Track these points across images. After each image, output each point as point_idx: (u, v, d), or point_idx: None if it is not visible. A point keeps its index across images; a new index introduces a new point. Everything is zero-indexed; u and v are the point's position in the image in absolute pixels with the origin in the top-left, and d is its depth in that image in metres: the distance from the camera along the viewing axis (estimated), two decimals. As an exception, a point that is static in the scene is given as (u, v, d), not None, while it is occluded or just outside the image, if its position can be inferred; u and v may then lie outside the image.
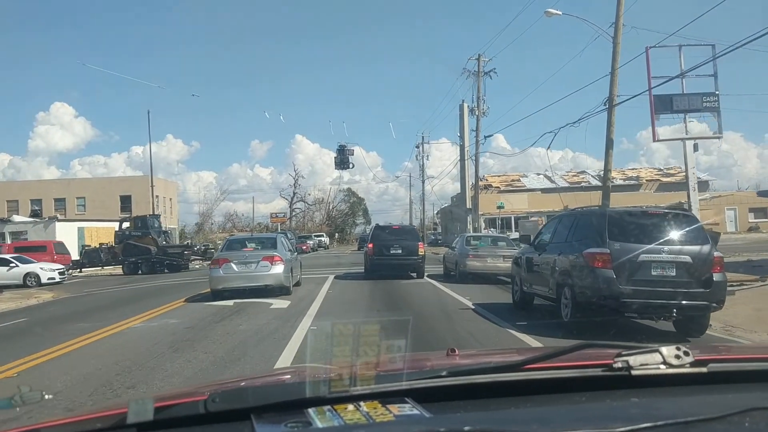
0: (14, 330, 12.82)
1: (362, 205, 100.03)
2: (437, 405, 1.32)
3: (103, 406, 1.80)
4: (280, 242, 17.11)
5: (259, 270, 15.93)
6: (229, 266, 15.94)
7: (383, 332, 1.67)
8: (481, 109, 36.28)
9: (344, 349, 1.54)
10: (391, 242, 19.52)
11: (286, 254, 16.74)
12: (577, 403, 1.38)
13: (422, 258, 19.56)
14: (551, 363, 1.50)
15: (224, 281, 15.92)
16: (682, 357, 1.43)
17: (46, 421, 1.43)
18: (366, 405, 1.29)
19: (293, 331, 9.88)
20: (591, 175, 61.37)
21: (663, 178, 59.34)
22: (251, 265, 16.02)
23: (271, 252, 16.26)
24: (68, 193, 49.36)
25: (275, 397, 1.34)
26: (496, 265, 18.26)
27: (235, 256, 16.22)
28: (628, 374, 1.41)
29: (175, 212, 56.19)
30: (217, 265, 16.10)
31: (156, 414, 1.27)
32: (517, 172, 65.15)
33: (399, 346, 1.61)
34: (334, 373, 1.46)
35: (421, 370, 1.57)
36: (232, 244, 17.52)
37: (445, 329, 10.00)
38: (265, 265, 15.97)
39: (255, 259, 16.08)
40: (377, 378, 1.40)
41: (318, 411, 1.26)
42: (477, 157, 35.94)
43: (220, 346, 8.97)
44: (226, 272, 15.92)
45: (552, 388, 1.43)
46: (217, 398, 1.32)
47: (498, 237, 22.85)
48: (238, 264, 15.96)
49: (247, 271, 15.96)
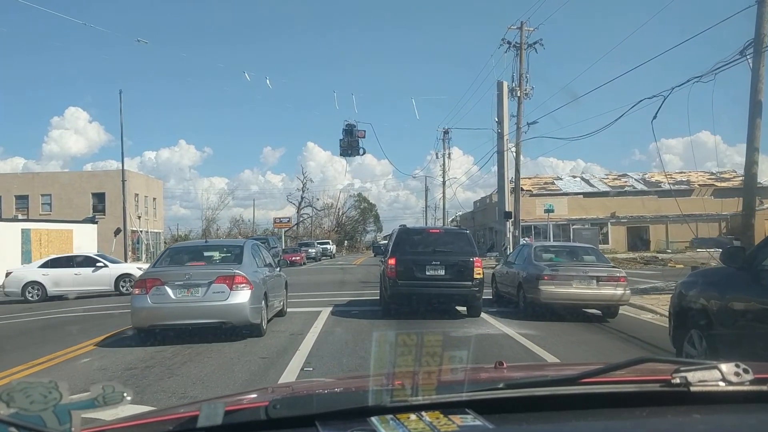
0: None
1: (373, 211, 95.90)
2: (497, 417, 1.30)
3: (173, 409, 1.71)
4: (248, 254, 10.49)
5: (210, 298, 9.48)
6: (161, 291, 9.51)
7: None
8: (523, 89, 29.67)
9: (407, 359, 1.46)
10: (427, 256, 11.84)
11: (255, 273, 10.22)
12: (639, 418, 1.36)
13: (480, 284, 11.85)
14: (608, 377, 1.48)
15: (153, 316, 9.51)
16: (742, 374, 1.39)
17: (118, 421, 1.46)
18: (428, 415, 1.28)
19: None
20: (634, 178, 54.51)
21: (718, 182, 52.25)
22: (198, 289, 9.55)
23: (231, 269, 9.74)
24: (31, 190, 42.52)
25: (339, 404, 1.36)
26: (585, 291, 11.52)
27: (174, 274, 9.78)
28: (686, 390, 1.37)
29: (160, 214, 49.42)
30: (142, 290, 9.61)
31: (224, 418, 1.29)
32: (549, 175, 58.36)
33: (461, 358, 1.59)
34: (396, 382, 1.44)
35: (477, 382, 1.56)
36: (173, 255, 10.92)
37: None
38: (220, 290, 9.51)
39: (204, 279, 9.59)
40: (437, 388, 1.40)
41: (381, 420, 1.27)
42: (518, 149, 29.20)
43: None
44: (156, 301, 9.48)
45: (608, 403, 1.39)
46: (278, 404, 1.34)
47: (581, 248, 14.66)
48: (176, 288, 9.53)
49: (189, 299, 9.52)
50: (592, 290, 11.50)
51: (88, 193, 42.67)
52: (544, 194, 48.80)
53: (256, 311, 9.74)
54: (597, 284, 11.52)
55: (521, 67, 29.70)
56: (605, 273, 11.74)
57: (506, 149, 28.96)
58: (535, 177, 55.32)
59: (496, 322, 11.38)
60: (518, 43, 29.99)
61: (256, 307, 9.77)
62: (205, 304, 9.44)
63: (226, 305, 9.43)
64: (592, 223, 43.40)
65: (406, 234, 12.76)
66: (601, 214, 44.20)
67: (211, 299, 9.46)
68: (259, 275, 10.31)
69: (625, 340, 9.62)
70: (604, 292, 11.49)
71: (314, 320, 11.54)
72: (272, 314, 11.22)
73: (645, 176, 55.64)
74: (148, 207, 46.22)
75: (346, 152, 21.98)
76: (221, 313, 9.42)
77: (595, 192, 49.97)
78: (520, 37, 29.82)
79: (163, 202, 51.53)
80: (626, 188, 51.23)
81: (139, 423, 1.47)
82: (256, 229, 78.57)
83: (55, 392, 1.13)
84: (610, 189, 50.98)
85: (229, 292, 9.50)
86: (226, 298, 9.47)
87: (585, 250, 13.83)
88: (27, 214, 39.67)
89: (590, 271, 11.81)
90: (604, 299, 11.55)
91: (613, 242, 39.91)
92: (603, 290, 11.48)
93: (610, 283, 11.52)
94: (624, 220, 43.93)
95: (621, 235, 43.69)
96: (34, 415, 1.10)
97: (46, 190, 42.83)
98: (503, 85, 29.44)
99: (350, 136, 21.69)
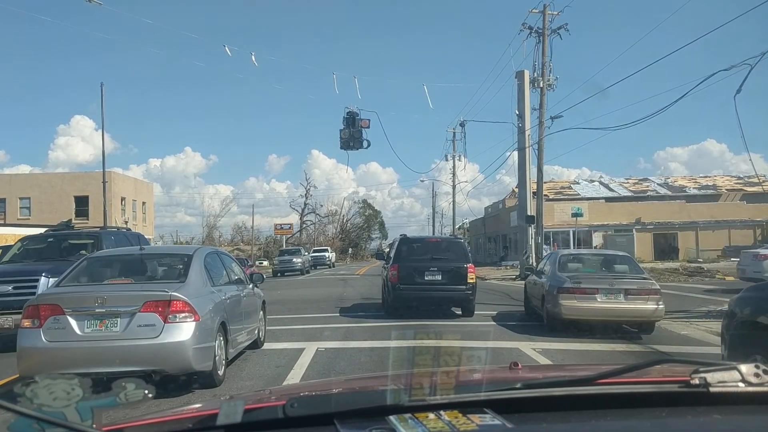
0: None
1: (378, 218, 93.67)
2: (516, 416, 1.29)
3: (193, 407, 1.76)
4: (197, 267, 7.24)
5: (134, 334, 6.38)
6: (61, 323, 6.43)
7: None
8: (546, 79, 26.52)
9: (425, 358, 1.51)
10: (425, 263, 13.07)
11: (208, 296, 7.10)
12: (658, 418, 1.33)
13: (472, 288, 13.07)
14: (626, 378, 1.47)
15: (47, 361, 6.40)
16: (762, 375, 1.37)
17: (139, 419, 1.46)
18: (447, 414, 1.27)
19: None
20: (656, 183, 51.20)
21: (746, 187, 48.84)
22: (115, 321, 6.43)
23: (166, 291, 6.57)
24: (9, 193, 39.15)
25: (357, 403, 1.36)
26: (612, 306, 10.27)
27: (80, 298, 6.69)
28: (706, 391, 1.35)
29: (151, 219, 46.10)
30: (34, 321, 6.46)
31: (243, 416, 1.28)
32: (564, 179, 55.06)
33: (479, 357, 1.72)
34: (414, 381, 1.45)
35: (494, 382, 1.54)
36: (91, 268, 7.64)
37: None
38: (149, 321, 6.42)
39: (127, 306, 6.44)
40: (455, 388, 1.42)
41: (399, 419, 1.25)
42: (541, 146, 25.99)
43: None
44: (53, 338, 6.38)
45: (626, 403, 1.37)
46: (296, 403, 1.32)
47: (612, 256, 13.04)
48: (83, 318, 6.44)
49: (103, 335, 6.39)
50: (620, 305, 10.24)
51: (70, 196, 39.40)
52: (561, 199, 45.47)
53: (203, 353, 6.59)
54: (625, 298, 10.25)
55: (544, 55, 26.60)
56: (635, 285, 10.45)
57: (528, 146, 25.75)
58: (550, 181, 51.99)
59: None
60: (540, 28, 26.93)
61: (205, 347, 6.62)
62: (126, 343, 6.30)
63: (157, 345, 6.29)
64: (615, 229, 40.02)
65: (407, 243, 13.95)
66: (625, 220, 40.83)
67: (134, 335, 6.32)
68: (212, 299, 7.15)
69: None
70: (634, 307, 10.26)
71: (295, 361, 8.36)
72: (238, 350, 8.09)
73: (668, 180, 52.38)
74: (137, 211, 42.96)
75: (348, 144, 18.64)
76: (149, 358, 6.28)
77: (616, 197, 46.61)
78: (543, 22, 26.74)
79: (154, 207, 48.44)
80: (649, 192, 47.87)
81: (159, 420, 1.45)
82: (258, 237, 76.61)
83: (78, 389, 1.13)
84: (631, 193, 47.64)
85: (163, 326, 6.36)
86: (157, 335, 6.33)
87: (616, 259, 12.30)
88: (4, 219, 36.46)
89: (617, 283, 10.51)
90: (633, 315, 10.39)
91: (639, 250, 36.53)
92: (632, 305, 10.25)
93: (641, 297, 10.31)
94: (650, 226, 40.54)
95: (647, 242, 40.29)
96: (56, 411, 1.09)
97: (25, 194, 39.61)
98: (524, 74, 26.26)
99: (352, 125, 18.41)
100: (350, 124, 18.41)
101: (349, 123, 18.37)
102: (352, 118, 18.42)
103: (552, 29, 26.68)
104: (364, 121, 18.68)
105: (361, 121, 18.59)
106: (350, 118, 18.36)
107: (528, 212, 25.50)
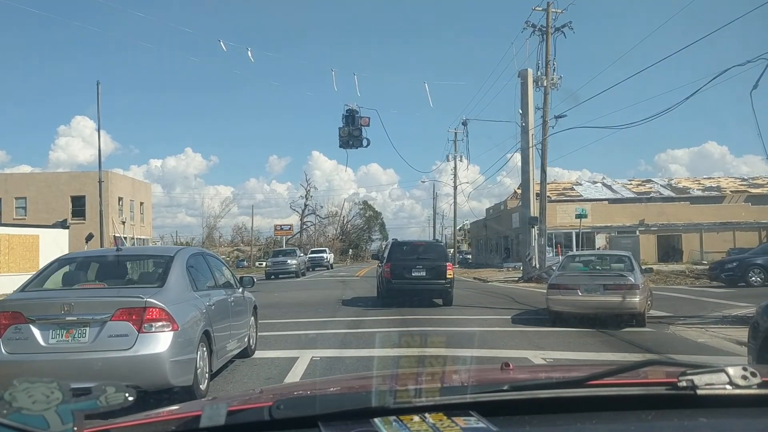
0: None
1: (379, 219, 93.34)
2: (501, 419, 1.27)
3: (175, 409, 1.69)
4: (178, 270, 6.60)
5: (104, 345, 5.76)
6: (23, 333, 5.82)
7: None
8: (549, 78, 25.90)
9: (410, 360, 1.56)
10: (411, 263, 15.55)
11: (189, 302, 6.48)
12: (644, 421, 1.31)
13: (450, 282, 15.61)
14: (614, 380, 1.45)
15: (8, 374, 5.64)
16: (749, 378, 1.35)
17: (121, 421, 1.42)
18: (431, 416, 1.26)
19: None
20: (660, 184, 50.56)
21: (750, 189, 48.22)
22: (84, 330, 5.80)
23: (141, 296, 5.95)
24: (5, 193, 38.42)
25: (342, 405, 1.33)
26: (591, 299, 11.29)
27: (45, 304, 6.06)
28: (693, 393, 1.34)
29: (148, 220, 45.44)
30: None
31: (227, 418, 1.28)
32: (566, 180, 54.43)
33: (464, 359, 2.06)
34: (399, 383, 1.43)
35: (482, 384, 1.51)
36: (62, 271, 6.97)
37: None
38: (122, 331, 5.79)
39: (97, 314, 5.81)
40: (441, 390, 1.39)
41: (384, 421, 1.25)
42: (544, 145, 25.36)
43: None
44: (14, 350, 5.78)
45: (614, 405, 1.36)
46: (281, 405, 1.31)
47: (613, 255, 14.31)
48: (48, 327, 5.83)
49: (70, 346, 5.76)
50: (598, 298, 11.18)
51: (67, 195, 38.70)
52: (564, 200, 44.82)
53: (183, 366, 5.97)
54: (603, 292, 11.15)
55: (548, 54, 26.01)
56: (612, 281, 11.36)
57: (531, 145, 25.13)
58: (552, 182, 51.33)
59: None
60: (543, 26, 26.35)
61: (184, 360, 6.00)
62: (95, 355, 5.68)
63: (130, 358, 5.68)
64: (618, 231, 39.43)
65: (398, 245, 16.87)
66: (628, 222, 40.24)
67: (104, 347, 5.71)
68: (194, 305, 6.53)
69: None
70: (612, 300, 11.10)
71: (288, 371, 7.74)
72: (225, 360, 7.47)
73: (671, 182, 51.75)
74: (134, 212, 42.29)
75: (347, 143, 17.97)
76: (121, 372, 5.65)
77: (619, 198, 45.98)
78: (547, 20, 26.16)
79: (152, 207, 47.75)
80: (652, 194, 47.22)
81: (141, 422, 1.44)
82: (258, 238, 76.34)
83: (58, 392, 1.12)
84: (634, 195, 46.99)
85: (137, 336, 5.74)
86: (130, 346, 5.71)
87: (616, 259, 13.11)
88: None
89: (598, 279, 11.57)
90: (611, 307, 11.16)
91: (643, 252, 35.94)
92: (610, 297, 11.10)
93: (619, 291, 11.12)
94: (654, 228, 39.95)
95: (650, 244, 39.69)
96: (36, 415, 1.09)
97: (21, 193, 38.91)
98: (528, 72, 25.67)
99: (352, 123, 17.76)
100: (350, 122, 17.78)
101: (349, 121, 17.74)
102: (352, 115, 17.79)
103: (556, 27, 26.15)
104: (364, 119, 18.06)
105: (360, 119, 17.98)
106: (350, 116, 17.73)
107: (531, 213, 24.89)
